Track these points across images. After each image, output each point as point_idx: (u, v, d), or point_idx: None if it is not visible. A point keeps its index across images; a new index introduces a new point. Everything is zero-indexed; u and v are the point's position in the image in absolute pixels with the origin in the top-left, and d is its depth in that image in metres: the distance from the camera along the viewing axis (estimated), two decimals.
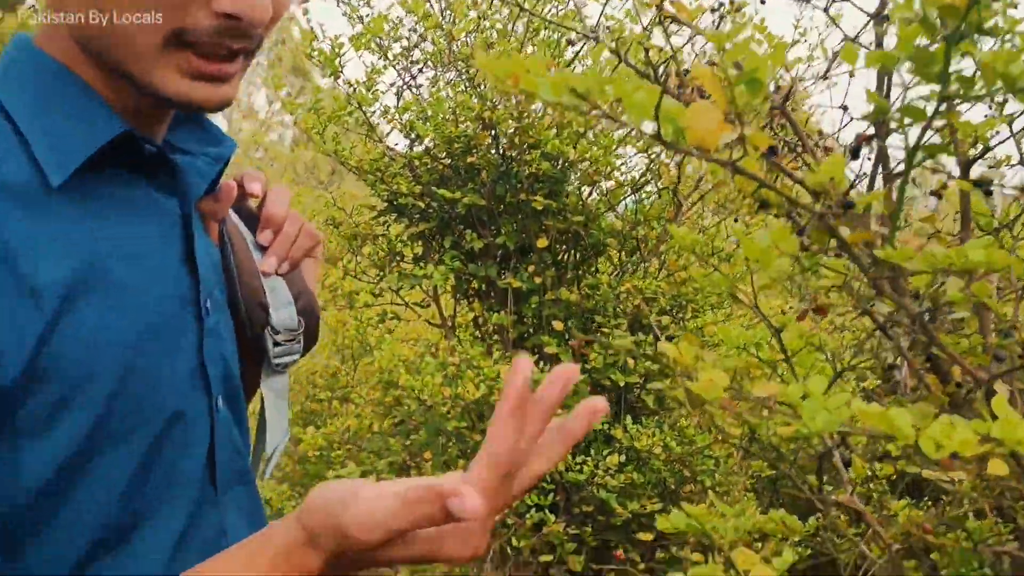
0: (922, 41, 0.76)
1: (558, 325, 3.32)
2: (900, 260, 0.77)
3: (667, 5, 1.26)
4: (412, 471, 3.48)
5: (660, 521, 0.98)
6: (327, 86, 4.00)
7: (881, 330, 1.29)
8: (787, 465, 1.11)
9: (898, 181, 0.89)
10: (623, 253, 3.50)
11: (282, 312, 0.86)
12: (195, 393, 0.71)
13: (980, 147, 1.19)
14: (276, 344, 0.86)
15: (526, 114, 3.26)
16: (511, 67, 0.70)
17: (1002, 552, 1.05)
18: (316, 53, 3.37)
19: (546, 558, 3.17)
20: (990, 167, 1.49)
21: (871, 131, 0.99)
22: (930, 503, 2.21)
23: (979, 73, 0.75)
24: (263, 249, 0.85)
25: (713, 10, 2.15)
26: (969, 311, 1.32)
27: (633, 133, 3.42)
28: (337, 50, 3.36)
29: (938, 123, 0.78)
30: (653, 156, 3.38)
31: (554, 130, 3.25)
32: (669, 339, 3.33)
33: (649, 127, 0.80)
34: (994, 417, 0.72)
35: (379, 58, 3.48)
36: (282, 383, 0.90)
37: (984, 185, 1.00)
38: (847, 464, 1.12)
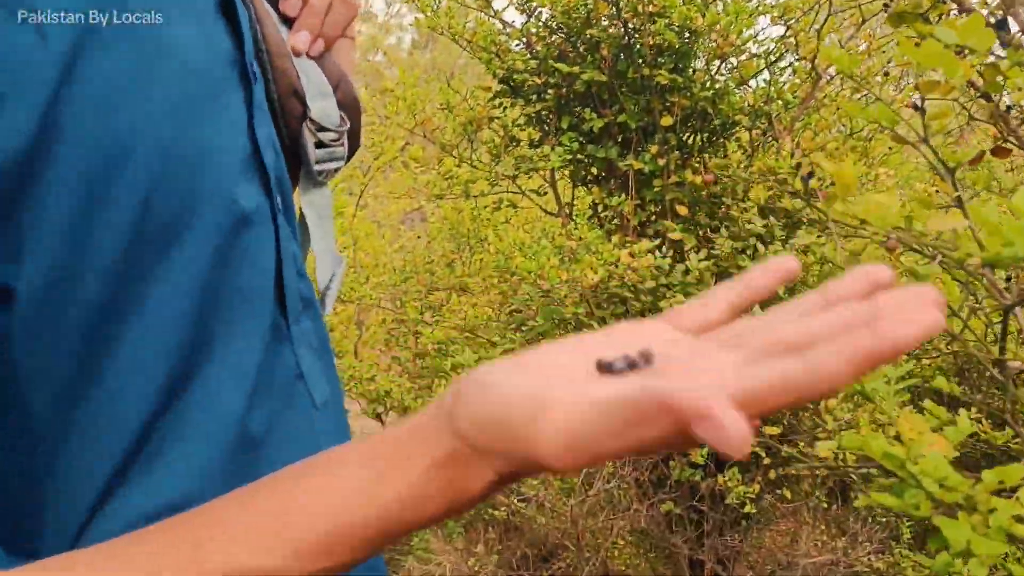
0: None
1: (682, 210, 3.15)
2: None
3: None
4: None
5: None
6: None
7: None
8: (958, 325, 0.95)
9: None
10: (753, 133, 3.27)
11: (320, 103, 0.69)
12: (252, 187, 0.55)
13: None
14: (319, 145, 0.69)
15: None
16: None
17: None
18: None
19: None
20: None
21: None
22: None
23: None
24: (288, 24, 0.69)
25: None
26: None
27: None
28: None
29: None
30: (791, 23, 3.11)
31: None
32: (799, 225, 3.12)
33: None
34: None
35: None
36: (324, 199, 0.73)
37: None
38: None
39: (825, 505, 3.44)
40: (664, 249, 3.01)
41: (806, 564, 3.28)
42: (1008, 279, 1.18)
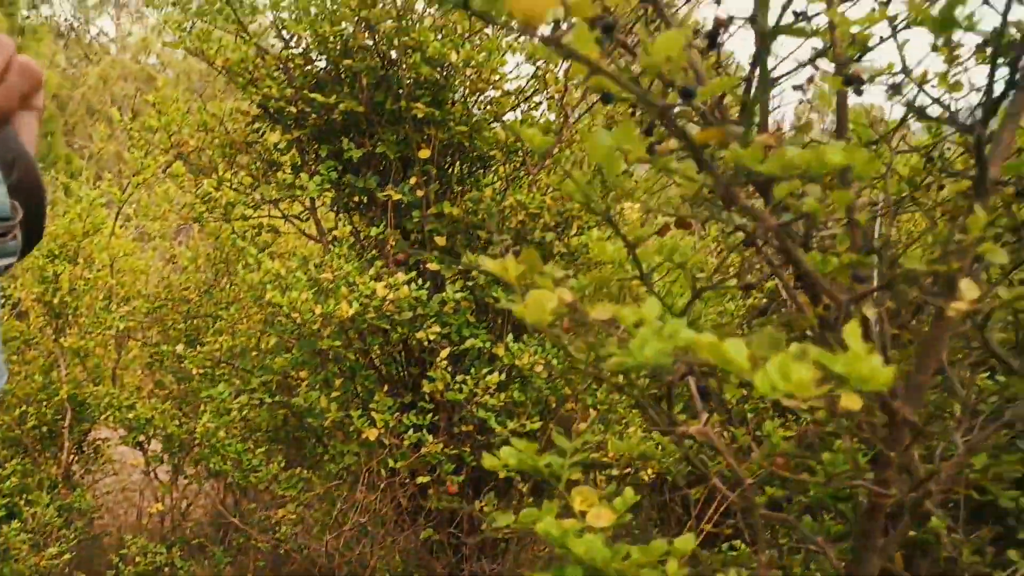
0: None
1: (440, 240, 3.19)
2: (749, 162, 0.65)
3: None
4: (293, 391, 3.34)
5: (486, 459, 0.87)
6: None
7: (749, 245, 1.20)
8: (638, 395, 1.02)
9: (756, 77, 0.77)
10: (508, 167, 3.37)
11: None
12: None
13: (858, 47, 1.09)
14: None
15: (406, 14, 3.06)
16: None
17: (856, 485, 0.98)
18: None
19: (424, 479, 3.09)
20: (871, 77, 1.41)
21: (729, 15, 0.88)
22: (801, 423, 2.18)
23: None
24: None
25: None
26: (841, 228, 1.24)
27: (521, 39, 3.25)
28: None
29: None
30: (540, 64, 3.23)
31: (437, 33, 3.07)
32: (552, 255, 3.23)
33: None
34: (847, 348, 0.62)
35: None
36: None
37: (855, 83, 0.90)
38: (704, 394, 1.03)
39: None
40: (422, 280, 3.04)
41: None
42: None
